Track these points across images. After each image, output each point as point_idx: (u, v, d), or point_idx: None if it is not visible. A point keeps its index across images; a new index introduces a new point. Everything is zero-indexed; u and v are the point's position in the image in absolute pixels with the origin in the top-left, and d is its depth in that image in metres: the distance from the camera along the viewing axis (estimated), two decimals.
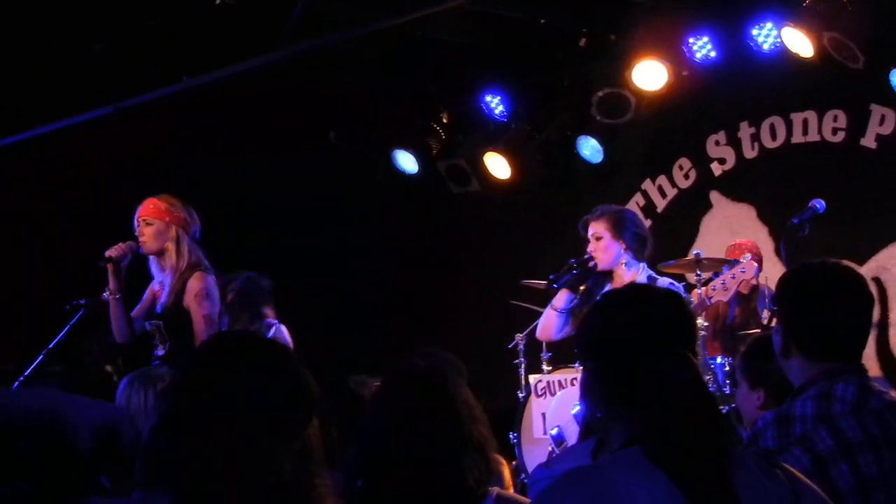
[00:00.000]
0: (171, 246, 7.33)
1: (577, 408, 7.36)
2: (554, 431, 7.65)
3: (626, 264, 7.80)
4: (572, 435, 7.37)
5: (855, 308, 3.71)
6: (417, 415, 3.47)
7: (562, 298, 7.87)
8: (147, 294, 7.41)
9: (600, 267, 7.78)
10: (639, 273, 7.78)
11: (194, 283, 7.27)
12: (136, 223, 7.34)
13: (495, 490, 3.60)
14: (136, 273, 7.40)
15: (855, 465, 3.41)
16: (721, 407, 8.02)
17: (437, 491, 3.38)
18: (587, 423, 4.57)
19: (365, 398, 5.02)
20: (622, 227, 7.76)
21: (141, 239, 7.30)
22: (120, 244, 7.28)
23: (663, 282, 7.75)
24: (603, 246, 7.74)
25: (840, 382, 3.57)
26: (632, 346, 2.91)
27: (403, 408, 3.50)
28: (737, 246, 9.05)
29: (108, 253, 7.23)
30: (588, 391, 3.02)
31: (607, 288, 7.82)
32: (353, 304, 11.54)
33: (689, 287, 7.95)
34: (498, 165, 10.66)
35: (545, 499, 2.86)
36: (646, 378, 2.83)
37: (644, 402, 2.81)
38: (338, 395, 3.48)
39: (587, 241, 7.82)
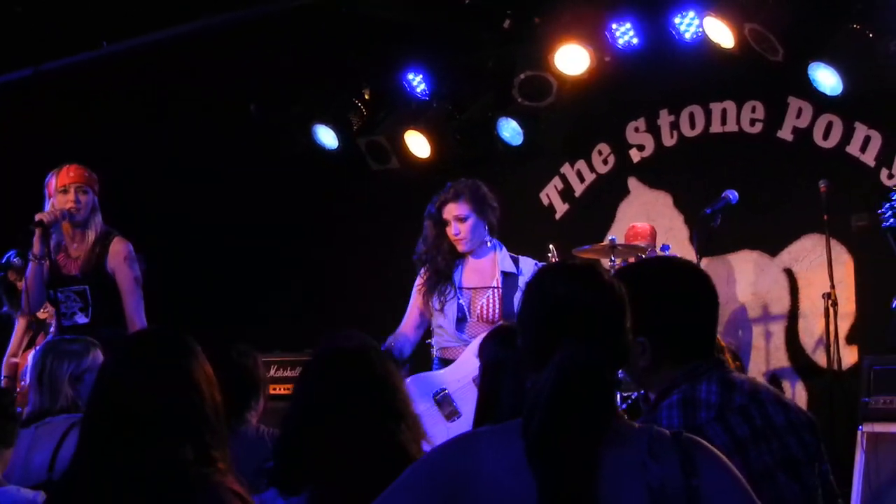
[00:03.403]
0: (94, 215, 7.30)
1: (441, 393, 7.29)
2: None
3: (488, 244, 7.66)
4: (430, 422, 7.21)
5: (710, 303, 3.70)
6: (352, 387, 3.47)
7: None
8: (46, 263, 7.25)
9: (464, 248, 7.52)
10: (499, 252, 7.67)
11: (119, 247, 7.27)
12: (61, 188, 7.24)
13: None
14: None
15: None
16: (628, 393, 8.09)
17: (383, 457, 3.39)
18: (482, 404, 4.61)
19: (247, 367, 5.02)
20: (485, 205, 7.58)
21: (74, 206, 7.21)
22: (52, 209, 7.19)
23: (525, 261, 7.68)
24: (469, 227, 7.53)
25: (702, 383, 3.50)
26: (535, 322, 3.03)
27: (336, 381, 3.50)
28: (635, 230, 9.16)
29: (38, 217, 7.12)
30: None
31: (460, 270, 7.69)
32: (267, 280, 11.51)
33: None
34: (418, 144, 10.65)
35: (422, 459, 3.00)
36: (543, 353, 2.89)
37: (538, 376, 2.87)
38: (221, 365, 3.46)
39: (441, 223, 7.63)
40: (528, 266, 7.57)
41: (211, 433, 3.08)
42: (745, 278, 9.56)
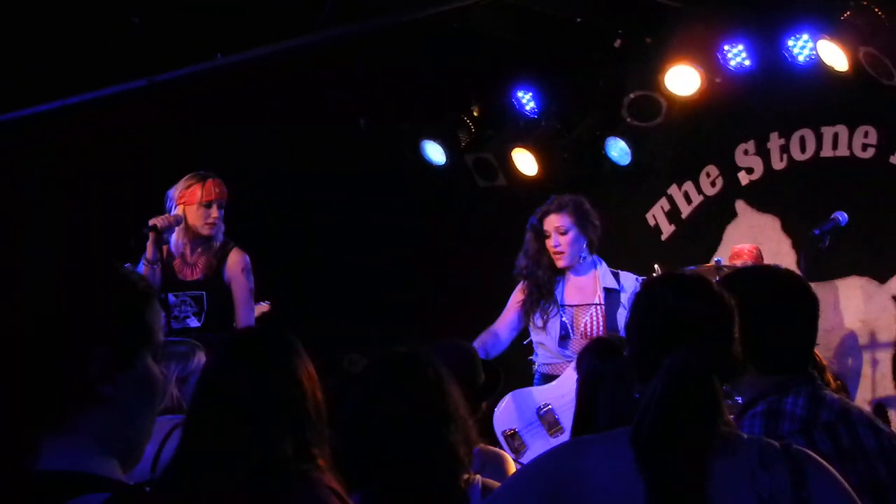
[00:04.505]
0: (221, 225, 7.46)
1: (545, 408, 7.28)
2: (511, 432, 7.33)
3: (585, 259, 7.65)
4: (534, 437, 7.23)
5: (807, 315, 3.65)
6: (402, 390, 3.54)
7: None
8: (158, 267, 7.38)
9: (564, 263, 7.58)
10: (599, 268, 7.66)
11: (237, 258, 7.42)
12: (205, 202, 7.38)
13: (479, 478, 3.67)
14: None
15: None
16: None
17: (432, 458, 3.43)
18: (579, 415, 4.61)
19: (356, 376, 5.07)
20: (586, 220, 7.59)
21: (214, 220, 7.36)
22: (166, 215, 7.35)
23: (626, 276, 7.66)
24: (569, 240, 7.54)
25: (790, 395, 3.48)
26: (644, 332, 3.03)
27: (387, 385, 3.56)
28: (736, 251, 9.11)
29: (152, 221, 7.27)
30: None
31: (562, 286, 7.69)
32: (373, 292, 11.56)
33: None
34: (525, 161, 10.66)
35: (528, 464, 3.02)
36: (651, 363, 2.89)
37: (648, 385, 2.87)
38: (332, 373, 3.55)
39: (542, 235, 7.66)
40: (630, 281, 7.57)
41: (311, 430, 3.11)
42: (853, 305, 9.43)
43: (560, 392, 7.19)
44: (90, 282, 2.26)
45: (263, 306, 8.33)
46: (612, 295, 7.52)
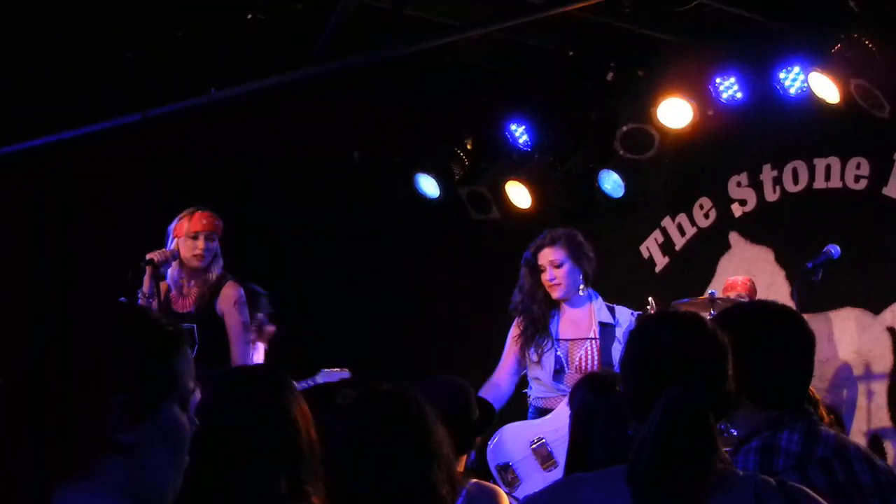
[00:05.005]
0: (216, 260, 7.47)
1: (539, 442, 7.27)
2: (504, 466, 7.26)
3: (582, 292, 7.65)
4: (527, 471, 7.21)
5: (803, 352, 3.65)
6: (385, 428, 3.53)
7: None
8: (154, 300, 7.40)
9: (559, 295, 7.58)
10: (594, 302, 7.65)
11: (230, 291, 7.43)
12: (192, 234, 7.40)
13: None
14: None
15: None
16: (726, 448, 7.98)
17: (413, 497, 3.43)
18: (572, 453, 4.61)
19: None
20: (581, 252, 7.59)
21: (200, 252, 7.38)
22: (163, 249, 7.38)
23: (622, 311, 7.66)
24: (564, 273, 7.55)
25: (785, 431, 3.48)
26: (639, 370, 3.02)
27: (370, 422, 3.56)
28: (730, 283, 9.12)
29: (149, 255, 7.31)
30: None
31: (556, 320, 7.69)
32: (367, 325, 11.56)
33: None
34: (519, 194, 10.68)
35: (524, 501, 2.98)
36: (647, 400, 2.90)
37: (643, 422, 2.88)
38: (326, 408, 3.56)
39: (536, 270, 7.68)
40: (625, 316, 7.57)
41: (305, 467, 3.12)
42: (848, 336, 9.43)
43: (554, 426, 7.18)
44: (111, 325, 2.18)
45: (343, 373, 8.41)
46: (607, 329, 7.52)
